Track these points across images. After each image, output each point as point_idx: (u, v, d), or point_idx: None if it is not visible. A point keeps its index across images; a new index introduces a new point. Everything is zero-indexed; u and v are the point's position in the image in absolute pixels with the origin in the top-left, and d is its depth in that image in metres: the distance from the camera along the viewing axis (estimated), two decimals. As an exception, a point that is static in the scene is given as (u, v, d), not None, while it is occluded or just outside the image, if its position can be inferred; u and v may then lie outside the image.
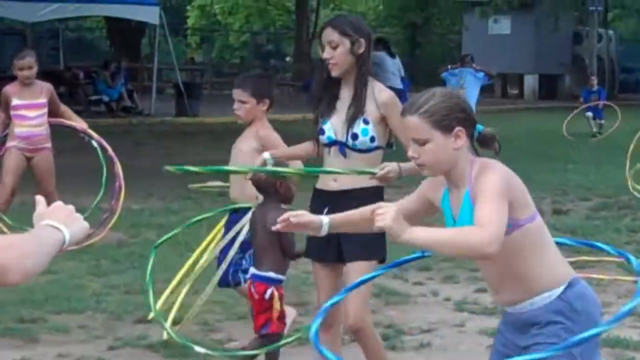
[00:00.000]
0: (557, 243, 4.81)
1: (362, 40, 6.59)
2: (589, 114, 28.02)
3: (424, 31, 53.50)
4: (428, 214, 4.71)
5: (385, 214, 4.22)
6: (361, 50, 6.57)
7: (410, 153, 4.56)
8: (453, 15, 50.71)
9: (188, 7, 58.86)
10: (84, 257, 11.50)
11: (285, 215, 4.83)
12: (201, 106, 33.10)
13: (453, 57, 30.97)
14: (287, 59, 50.20)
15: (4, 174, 11.95)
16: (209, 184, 15.75)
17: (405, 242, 4.22)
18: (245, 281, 8.30)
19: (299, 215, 4.80)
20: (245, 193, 8.32)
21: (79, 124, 12.16)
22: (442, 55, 41.40)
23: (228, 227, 8.58)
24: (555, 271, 4.54)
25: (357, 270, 6.64)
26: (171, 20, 37.56)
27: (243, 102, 8.42)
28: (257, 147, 8.21)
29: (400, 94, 21.91)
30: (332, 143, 6.68)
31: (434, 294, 10.24)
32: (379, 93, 6.51)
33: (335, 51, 6.56)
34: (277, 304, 7.34)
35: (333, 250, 6.73)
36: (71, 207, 3.20)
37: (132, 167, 19.24)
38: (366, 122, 6.48)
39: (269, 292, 7.29)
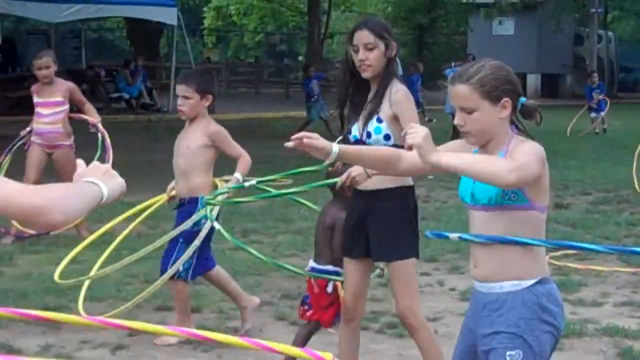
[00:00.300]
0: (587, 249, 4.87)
1: (394, 44, 6.55)
2: (593, 114, 27.87)
3: (431, 32, 53.43)
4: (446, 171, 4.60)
5: (417, 132, 4.30)
6: (393, 53, 6.54)
7: (456, 121, 4.58)
8: (459, 17, 50.63)
9: (205, 9, 58.78)
10: (105, 248, 11.52)
11: (299, 134, 4.82)
12: (217, 104, 33.10)
13: (458, 57, 30.96)
14: (300, 58, 50.19)
15: (27, 168, 12.00)
16: (224, 178, 15.81)
17: (432, 162, 4.32)
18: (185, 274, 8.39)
19: (312, 138, 4.76)
20: (191, 188, 8.36)
21: (93, 118, 12.15)
22: (448, 55, 41.38)
23: (179, 219, 8.51)
24: (531, 264, 4.59)
25: (396, 270, 6.72)
26: (188, 21, 37.52)
27: (187, 98, 8.39)
28: (207, 143, 8.36)
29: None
30: (356, 142, 6.59)
31: (440, 284, 10.26)
32: (395, 92, 6.42)
33: (371, 53, 6.45)
34: (342, 295, 7.16)
35: (361, 246, 6.71)
36: (107, 166, 3.26)
37: (151, 161, 19.30)
38: (380, 120, 6.42)
39: (330, 285, 7.22)
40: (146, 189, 16.06)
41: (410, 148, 4.37)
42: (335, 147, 4.80)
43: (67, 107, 12.09)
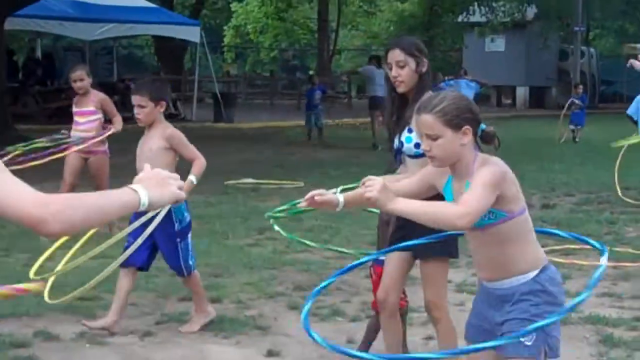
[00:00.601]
0: (549, 233, 4.90)
1: (425, 61, 6.55)
2: (572, 126, 27.67)
3: (429, 49, 53.14)
4: (423, 197, 4.68)
5: (373, 186, 4.32)
6: (424, 69, 6.52)
7: (423, 147, 4.64)
8: (454, 35, 50.53)
9: (224, 27, 58.83)
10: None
11: (310, 194, 4.81)
12: (236, 113, 33.11)
13: (454, 71, 30.89)
14: (311, 72, 50.12)
15: (64, 172, 12.01)
16: (243, 180, 15.79)
17: (390, 211, 4.46)
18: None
19: (322, 194, 4.79)
20: None
21: (115, 125, 12.15)
22: (444, 69, 41.34)
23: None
24: (531, 257, 4.63)
25: (429, 267, 6.66)
26: (210, 38, 37.52)
27: (142, 107, 8.20)
28: (165, 145, 8.20)
29: (381, 102, 22.12)
30: (397, 151, 6.63)
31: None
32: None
33: (403, 70, 6.48)
34: None
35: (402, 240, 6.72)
36: (166, 174, 3.24)
37: (177, 166, 19.28)
38: (410, 130, 6.41)
39: None
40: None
41: (368, 199, 4.41)
42: (340, 197, 4.90)
43: (99, 116, 12.07)
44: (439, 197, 4.78)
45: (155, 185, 3.17)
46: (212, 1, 49.83)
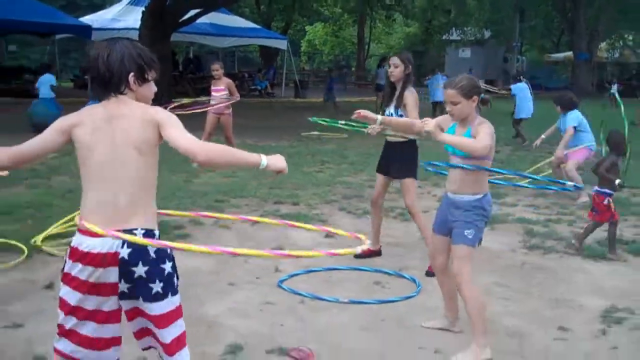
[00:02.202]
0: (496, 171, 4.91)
1: (410, 66, 6.56)
2: None
3: (425, 55, 52.85)
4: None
5: (429, 123, 4.58)
6: (408, 71, 6.54)
7: (447, 108, 4.65)
8: (440, 47, 49.98)
9: (302, 40, 58.56)
10: (246, 170, 11.56)
11: (359, 111, 5.40)
12: (307, 93, 33.03)
13: (441, 69, 30.59)
14: (353, 69, 49.67)
15: (206, 126, 12.04)
16: (311, 133, 15.77)
17: (438, 139, 4.51)
18: None
19: (366, 112, 5.33)
20: None
21: (235, 98, 12.09)
22: (433, 68, 40.73)
23: None
24: (480, 185, 4.62)
25: (406, 182, 6.69)
26: (292, 47, 37.29)
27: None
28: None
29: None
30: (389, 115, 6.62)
31: (428, 192, 10.17)
32: (407, 92, 6.45)
33: (396, 69, 6.53)
34: (612, 207, 7.17)
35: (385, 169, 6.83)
36: (280, 157, 3.13)
37: (271, 126, 19.31)
38: (396, 107, 6.48)
39: (606, 200, 7.13)
40: (272, 137, 16.03)
41: (425, 132, 4.67)
42: (380, 117, 5.34)
43: (226, 92, 12.10)
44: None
45: (274, 157, 3.10)
46: (295, 24, 49.48)
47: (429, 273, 6.17)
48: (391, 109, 6.57)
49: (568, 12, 37.72)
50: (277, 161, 3.09)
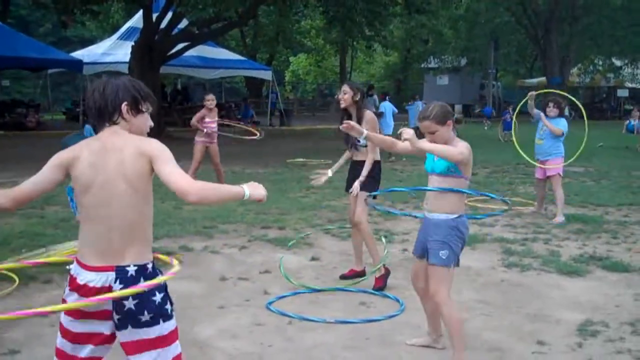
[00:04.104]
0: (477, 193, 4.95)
1: (359, 93, 6.62)
2: (505, 131, 24.96)
3: (404, 83, 53.23)
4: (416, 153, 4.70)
5: (407, 132, 4.53)
6: (357, 97, 6.59)
7: (426, 138, 4.66)
8: (419, 74, 50.37)
9: (286, 71, 58.80)
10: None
11: (347, 122, 5.14)
12: (292, 121, 33.12)
13: (420, 96, 30.86)
14: (336, 97, 50.03)
15: (195, 154, 12.03)
16: (296, 159, 15.83)
17: (418, 147, 4.51)
18: None
19: (354, 124, 5.08)
20: None
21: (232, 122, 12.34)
22: (413, 94, 40.98)
23: None
24: (456, 206, 4.63)
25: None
26: (277, 77, 37.45)
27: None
28: None
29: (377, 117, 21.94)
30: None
31: (408, 214, 10.24)
32: (366, 116, 6.51)
33: (345, 95, 6.60)
34: None
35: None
36: (259, 185, 3.17)
37: (257, 152, 19.34)
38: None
39: None
40: (258, 164, 16.02)
41: (404, 140, 4.56)
42: (365, 131, 5.07)
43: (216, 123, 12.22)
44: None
45: (254, 188, 3.14)
46: (279, 55, 49.68)
47: (344, 276, 6.74)
48: (359, 141, 6.60)
49: (540, 39, 38.13)
50: (257, 190, 3.13)
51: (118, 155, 3.00)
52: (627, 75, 43.34)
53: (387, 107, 17.98)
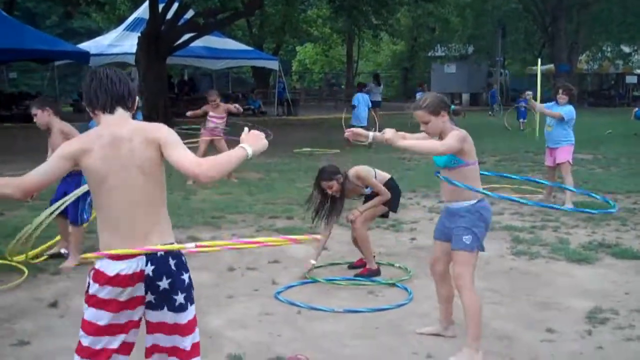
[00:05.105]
0: (484, 174, 4.96)
1: (340, 176, 6.54)
2: (521, 119, 24.82)
3: (411, 71, 53.07)
4: None
5: (388, 131, 4.46)
6: (341, 180, 6.53)
7: (421, 128, 4.66)
8: (426, 63, 50.21)
9: (292, 60, 58.68)
10: (242, 186, 11.60)
11: (350, 130, 5.18)
12: (299, 111, 33.09)
13: (428, 85, 30.84)
14: (342, 86, 49.84)
15: (200, 146, 12.12)
16: (303, 149, 15.82)
17: (397, 146, 4.41)
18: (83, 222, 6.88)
19: (358, 130, 5.15)
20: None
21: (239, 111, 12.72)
22: (421, 82, 40.95)
23: (66, 187, 6.66)
24: (474, 193, 4.60)
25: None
26: (284, 66, 37.37)
27: (36, 115, 6.59)
28: (64, 138, 5.93)
29: (378, 104, 22.08)
30: None
31: (417, 203, 10.24)
32: (353, 175, 6.54)
33: (334, 188, 6.51)
34: None
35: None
36: (258, 133, 3.18)
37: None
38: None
39: None
40: (266, 154, 15.99)
41: (385, 140, 4.48)
42: (371, 134, 5.01)
43: (225, 117, 12.43)
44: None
45: (253, 141, 3.15)
46: (285, 45, 49.60)
47: (352, 266, 6.77)
48: (362, 191, 6.73)
49: (548, 27, 37.95)
50: (257, 143, 3.15)
51: (128, 144, 3.07)
52: (636, 61, 43.08)
53: (361, 99, 17.91)
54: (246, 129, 3.25)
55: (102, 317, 3.06)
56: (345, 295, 6.05)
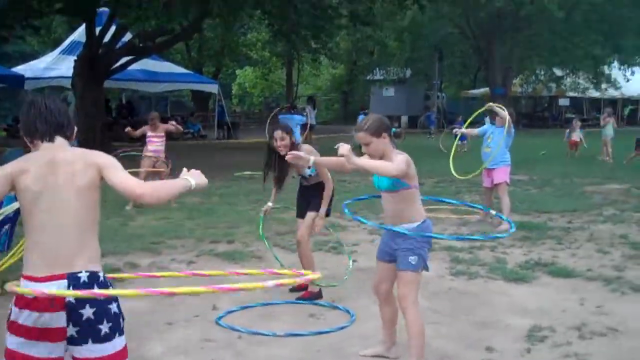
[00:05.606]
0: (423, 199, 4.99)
1: (291, 132, 6.58)
2: (459, 142, 25.36)
3: (350, 95, 53.55)
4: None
5: (343, 147, 4.49)
6: (292, 139, 6.51)
7: (363, 150, 4.71)
8: (365, 86, 50.72)
9: (232, 83, 58.57)
10: (182, 210, 11.47)
11: (295, 153, 5.26)
12: (239, 134, 33.01)
13: (363, 108, 31.13)
14: (282, 110, 50.05)
15: (142, 166, 12.07)
16: (244, 172, 15.77)
17: (352, 163, 4.48)
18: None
19: (299, 154, 5.24)
20: None
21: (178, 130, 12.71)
22: (359, 107, 41.37)
23: None
24: (418, 213, 4.70)
25: (309, 215, 6.62)
26: (223, 89, 37.28)
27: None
28: None
29: (312, 128, 22.31)
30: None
31: (358, 226, 10.26)
32: (304, 149, 6.21)
33: (284, 141, 6.45)
34: None
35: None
36: (198, 172, 3.24)
37: (206, 164, 19.18)
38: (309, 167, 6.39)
39: None
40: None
41: (340, 155, 4.52)
42: (312, 158, 5.16)
43: (164, 137, 12.40)
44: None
45: (195, 176, 3.19)
46: (225, 69, 49.46)
47: (294, 289, 6.63)
48: (305, 171, 6.61)
49: (483, 51, 38.78)
50: (200, 178, 3.21)
51: (69, 168, 3.05)
52: (568, 84, 44.30)
53: (292, 120, 18.15)
54: (185, 169, 3.27)
55: (20, 346, 2.96)
56: (286, 319, 6.01)
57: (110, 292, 2.98)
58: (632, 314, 6.10)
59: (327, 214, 6.68)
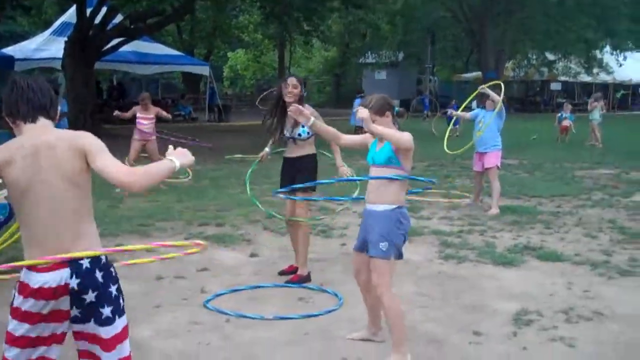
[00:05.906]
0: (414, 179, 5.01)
1: (303, 86, 6.58)
2: (452, 127, 25.44)
3: (343, 78, 53.43)
4: (357, 147, 5.02)
5: (364, 112, 4.56)
6: (303, 92, 6.53)
7: (364, 128, 4.67)
8: (357, 69, 50.62)
9: (224, 66, 58.35)
10: (172, 192, 11.45)
11: (298, 106, 5.16)
12: (230, 117, 32.93)
13: (360, 91, 31.05)
14: (274, 92, 49.88)
15: (130, 151, 12.00)
16: (235, 155, 15.72)
17: (369, 129, 4.53)
18: None
19: (301, 108, 5.16)
20: None
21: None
22: (352, 91, 41.15)
23: None
24: (396, 197, 4.66)
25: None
26: (215, 72, 37.16)
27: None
28: None
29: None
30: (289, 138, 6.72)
31: (347, 209, 10.27)
32: (308, 109, 6.33)
33: (296, 90, 6.45)
34: None
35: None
36: (185, 150, 3.17)
37: (195, 148, 19.14)
38: (303, 126, 6.44)
39: None
40: (198, 160, 15.80)
41: (359, 117, 4.58)
42: (313, 118, 5.11)
43: (154, 119, 12.29)
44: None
45: (180, 156, 3.12)
46: (217, 51, 49.27)
47: (283, 272, 6.65)
48: (298, 129, 6.56)
49: (476, 34, 38.69)
50: (185, 158, 3.15)
51: (52, 153, 2.99)
52: (560, 69, 44.28)
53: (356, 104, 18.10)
54: (171, 146, 3.22)
55: (25, 330, 2.99)
56: (275, 302, 6.02)
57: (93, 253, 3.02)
58: (619, 298, 6.13)
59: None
